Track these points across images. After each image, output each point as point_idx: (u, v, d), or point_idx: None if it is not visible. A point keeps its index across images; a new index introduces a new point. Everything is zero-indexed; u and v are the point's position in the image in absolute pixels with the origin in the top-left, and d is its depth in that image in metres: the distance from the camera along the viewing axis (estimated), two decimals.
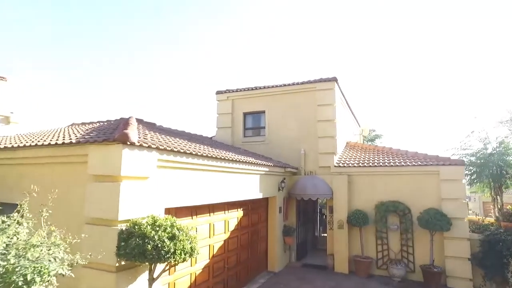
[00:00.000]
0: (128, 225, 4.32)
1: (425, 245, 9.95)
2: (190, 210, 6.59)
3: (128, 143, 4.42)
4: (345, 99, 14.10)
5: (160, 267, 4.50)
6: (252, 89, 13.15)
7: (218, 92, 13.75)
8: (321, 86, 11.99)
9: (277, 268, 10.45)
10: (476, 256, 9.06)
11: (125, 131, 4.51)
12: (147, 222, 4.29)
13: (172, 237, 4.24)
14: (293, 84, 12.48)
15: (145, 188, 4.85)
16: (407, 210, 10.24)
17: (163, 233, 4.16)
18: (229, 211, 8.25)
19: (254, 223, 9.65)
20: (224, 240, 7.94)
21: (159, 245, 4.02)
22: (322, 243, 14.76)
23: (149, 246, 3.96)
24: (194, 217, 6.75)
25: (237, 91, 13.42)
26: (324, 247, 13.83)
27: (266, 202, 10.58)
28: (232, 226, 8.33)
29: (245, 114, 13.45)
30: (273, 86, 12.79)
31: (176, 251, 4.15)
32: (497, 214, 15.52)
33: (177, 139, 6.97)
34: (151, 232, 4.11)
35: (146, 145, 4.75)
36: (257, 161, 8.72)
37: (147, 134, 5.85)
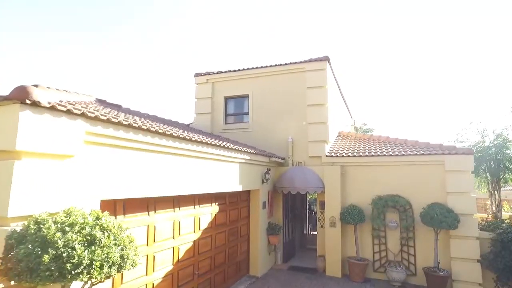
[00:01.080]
0: (25, 224, 2.87)
1: (428, 245, 8.74)
2: (145, 203, 5.17)
3: (29, 101, 2.96)
4: (338, 84, 12.82)
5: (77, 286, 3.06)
6: (234, 71, 11.73)
7: (197, 75, 12.29)
8: (311, 67, 10.64)
9: (260, 272, 9.10)
10: (487, 257, 7.88)
11: (25, 85, 3.05)
12: (55, 220, 2.85)
13: (91, 242, 2.82)
14: (280, 65, 11.10)
15: (66, 172, 3.41)
16: (407, 205, 9.01)
17: (74, 236, 2.73)
18: (201, 205, 6.85)
19: (233, 220, 8.27)
20: (194, 241, 6.55)
21: (64, 255, 2.59)
22: (311, 242, 13.50)
23: (46, 256, 2.53)
24: (152, 212, 5.34)
25: (218, 73, 11.97)
26: (314, 246, 12.59)
27: (248, 196, 9.21)
28: (204, 224, 6.93)
29: (226, 99, 12.03)
30: (257, 68, 11.39)
31: (94, 262, 2.72)
32: (494, 210, 14.60)
33: (142, 119, 5.47)
34: (54, 234, 2.67)
35: (64, 109, 3.30)
36: (236, 146, 7.34)
37: (96, 109, 4.38)
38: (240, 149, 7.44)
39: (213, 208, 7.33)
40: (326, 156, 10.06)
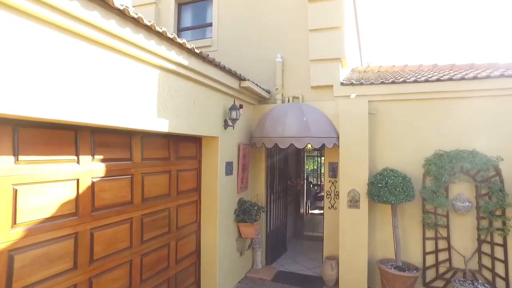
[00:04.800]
0: None
1: None
2: None
3: None
4: (355, 8, 8.24)
5: None
6: None
7: None
8: None
9: (222, 286, 4.98)
10: None
11: None
12: None
13: None
14: None
15: None
16: (492, 169, 4.82)
17: None
18: (91, 157, 2.59)
19: (158, 196, 4.03)
20: (76, 236, 2.40)
21: None
22: (310, 226, 9.47)
23: None
24: None
25: None
26: (315, 233, 8.54)
27: (197, 149, 4.92)
28: (101, 200, 2.72)
29: (180, 5, 7.52)
30: None
31: None
32: None
33: None
34: None
35: None
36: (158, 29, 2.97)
37: None
38: (166, 36, 3.14)
39: (121, 167, 3.10)
40: (342, 84, 5.73)
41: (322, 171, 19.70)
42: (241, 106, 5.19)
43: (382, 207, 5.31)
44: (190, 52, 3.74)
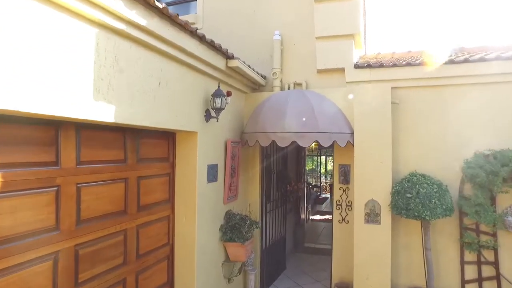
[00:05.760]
0: None
1: None
2: None
3: None
4: None
5: None
6: None
7: None
8: None
9: None
10: None
11: None
12: None
13: None
14: None
15: None
16: None
17: None
18: None
19: (115, 212, 2.86)
20: None
21: None
22: (312, 236, 8.38)
23: None
24: None
25: None
26: (317, 244, 7.42)
27: (168, 148, 3.72)
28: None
29: None
30: None
31: None
32: None
33: None
34: None
35: None
36: None
37: None
38: None
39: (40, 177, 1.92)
40: (357, 66, 4.57)
41: (322, 171, 18.61)
42: (229, 93, 4.02)
43: (408, 222, 4.16)
44: (149, 7, 2.55)
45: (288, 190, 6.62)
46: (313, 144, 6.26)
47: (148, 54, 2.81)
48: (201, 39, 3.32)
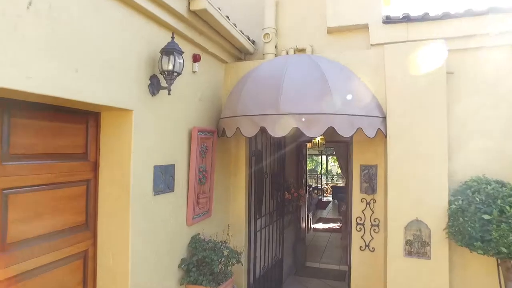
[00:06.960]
0: None
1: None
2: None
3: None
4: None
5: None
6: None
7: None
8: None
9: None
10: None
11: None
12: None
13: None
14: None
15: None
16: None
17: None
18: None
19: None
20: None
21: None
22: (314, 253, 6.91)
23: None
24: None
25: None
26: (322, 263, 6.01)
27: (85, 137, 2.21)
28: None
29: None
30: None
31: None
32: None
33: None
34: None
35: None
36: None
37: None
38: None
39: None
40: (387, 21, 3.09)
41: (322, 171, 17.07)
42: (196, 58, 2.58)
43: (476, 257, 2.67)
44: None
45: (286, 198, 5.11)
46: (319, 138, 4.76)
47: None
48: None
